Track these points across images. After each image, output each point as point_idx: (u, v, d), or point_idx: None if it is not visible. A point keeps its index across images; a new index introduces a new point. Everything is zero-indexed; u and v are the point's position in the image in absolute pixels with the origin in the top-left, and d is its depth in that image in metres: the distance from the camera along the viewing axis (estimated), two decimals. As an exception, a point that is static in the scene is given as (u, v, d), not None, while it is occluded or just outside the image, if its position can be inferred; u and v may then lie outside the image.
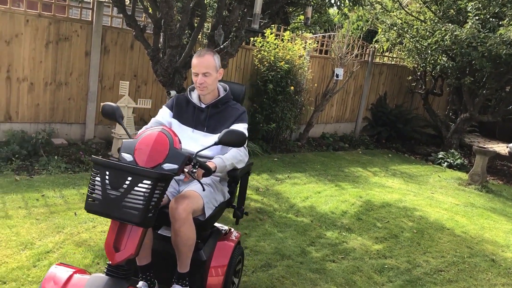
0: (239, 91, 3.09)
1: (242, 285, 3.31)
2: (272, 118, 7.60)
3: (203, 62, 2.71)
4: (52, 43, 5.84)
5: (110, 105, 2.53)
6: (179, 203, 2.43)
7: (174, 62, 5.42)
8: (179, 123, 2.86)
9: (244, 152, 2.77)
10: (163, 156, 2.17)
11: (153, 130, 2.27)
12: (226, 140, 2.38)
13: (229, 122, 2.79)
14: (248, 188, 5.55)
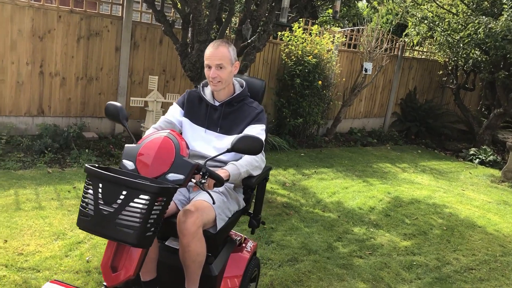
0: (258, 87, 2.77)
1: (269, 279, 3.32)
2: (299, 113, 7.56)
3: (217, 53, 2.45)
4: (83, 39, 5.96)
5: (113, 105, 2.27)
6: (188, 216, 2.15)
7: (202, 57, 5.44)
8: (191, 123, 2.59)
9: (261, 157, 2.46)
10: (168, 165, 1.93)
11: (158, 135, 2.03)
12: (239, 147, 2.08)
13: (244, 122, 2.52)
14: (275, 182, 5.57)
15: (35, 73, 5.71)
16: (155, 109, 5.95)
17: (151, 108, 6.01)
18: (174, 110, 2.63)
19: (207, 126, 2.56)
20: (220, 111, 2.56)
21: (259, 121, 2.53)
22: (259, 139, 2.10)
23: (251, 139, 2.08)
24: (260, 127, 2.51)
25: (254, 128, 2.48)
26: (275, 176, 5.83)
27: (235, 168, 2.30)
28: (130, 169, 1.95)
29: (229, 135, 2.51)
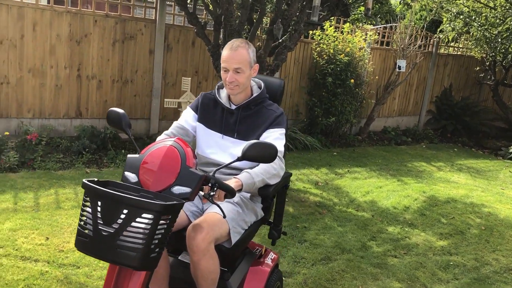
0: (276, 88, 2.59)
1: (302, 277, 3.32)
2: (331, 112, 7.52)
3: (235, 56, 2.26)
4: (119, 42, 6.11)
5: (115, 112, 2.12)
6: (198, 232, 1.99)
7: (234, 57, 5.49)
8: (205, 128, 2.42)
9: (280, 164, 2.25)
10: (173, 177, 1.78)
11: (163, 144, 1.87)
12: (251, 155, 1.90)
13: (263, 126, 2.34)
14: (307, 182, 5.56)
15: (73, 76, 5.90)
16: (188, 110, 6.05)
17: (184, 109, 6.10)
18: (187, 114, 2.47)
19: (224, 132, 2.38)
20: (236, 115, 2.38)
21: (279, 125, 2.36)
22: (272, 146, 1.92)
23: (264, 145, 1.91)
24: (279, 131, 2.34)
25: (273, 133, 2.33)
26: (308, 176, 5.82)
27: (249, 177, 2.12)
28: (133, 182, 1.80)
29: (246, 140, 2.22)
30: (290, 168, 6.01)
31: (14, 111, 5.59)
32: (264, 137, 2.32)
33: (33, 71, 5.60)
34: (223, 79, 2.33)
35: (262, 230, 3.28)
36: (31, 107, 5.69)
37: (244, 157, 1.91)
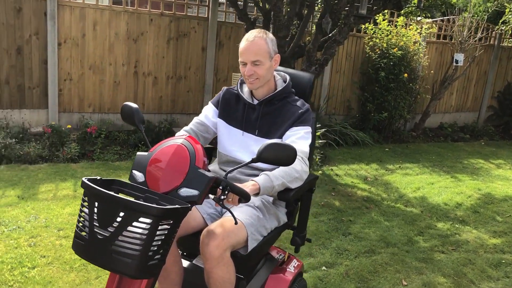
0: (305, 82, 2.41)
1: (344, 268, 3.33)
2: (383, 107, 7.39)
3: (252, 47, 2.10)
4: (173, 40, 6.34)
5: (129, 106, 2.01)
6: (212, 238, 1.86)
7: (283, 52, 5.56)
8: (226, 124, 2.27)
9: (303, 166, 2.05)
10: (181, 178, 1.65)
11: (173, 142, 1.75)
12: (267, 157, 1.73)
13: (286, 124, 2.17)
14: (356, 177, 5.52)
15: (130, 73, 6.19)
16: (238, 105, 6.18)
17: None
18: (208, 110, 2.34)
19: (245, 128, 2.23)
20: (258, 110, 2.22)
21: (304, 123, 2.17)
22: (291, 148, 1.74)
23: (281, 147, 1.74)
24: (305, 130, 2.16)
25: (297, 131, 2.14)
26: (357, 171, 5.78)
27: (267, 180, 1.93)
28: (140, 182, 1.70)
29: (268, 138, 2.16)
30: (339, 163, 5.99)
31: (76, 106, 5.95)
32: (287, 136, 2.14)
33: (93, 68, 5.94)
34: (242, 73, 2.17)
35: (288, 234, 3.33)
36: (92, 102, 6.04)
37: (259, 158, 1.74)
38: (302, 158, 2.06)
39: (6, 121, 5.36)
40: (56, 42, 5.62)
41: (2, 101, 5.52)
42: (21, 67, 5.55)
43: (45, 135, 5.26)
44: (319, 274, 3.21)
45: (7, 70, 5.47)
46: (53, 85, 5.70)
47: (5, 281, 2.78)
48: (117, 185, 1.71)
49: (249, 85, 2.19)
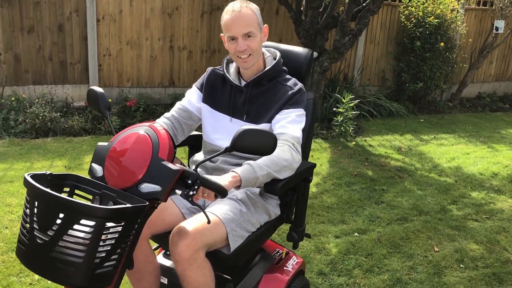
0: (302, 60, 2.15)
1: (376, 235, 3.42)
2: (419, 77, 7.28)
3: (242, 18, 1.86)
4: (207, 13, 6.42)
5: (94, 91, 1.82)
6: (182, 237, 1.64)
7: (316, 23, 5.56)
8: (211, 110, 2.04)
9: (293, 153, 1.82)
10: (141, 172, 1.45)
11: (135, 130, 1.55)
12: (243, 146, 1.53)
13: (276, 106, 1.93)
14: (390, 147, 5.54)
15: (166, 47, 6.34)
16: (271, 77, 6.24)
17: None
18: (191, 94, 2.10)
19: (232, 114, 2.00)
20: (246, 93, 1.98)
21: (296, 104, 1.93)
22: (269, 134, 1.55)
23: (258, 133, 1.53)
24: (297, 112, 1.91)
25: (288, 114, 1.91)
26: (390, 142, 5.78)
27: (250, 171, 1.71)
28: (98, 176, 1.51)
29: (257, 123, 1.95)
30: (373, 134, 6.01)
31: (115, 80, 6.16)
32: (277, 120, 1.92)
33: (130, 43, 6.10)
34: (232, 51, 1.92)
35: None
36: (130, 76, 6.24)
37: (233, 147, 1.53)
38: (293, 144, 1.84)
39: (51, 95, 5.62)
40: (95, 18, 5.81)
41: (46, 77, 5.78)
42: (63, 43, 5.77)
43: (87, 109, 5.50)
44: (351, 239, 3.32)
45: (50, 47, 5.71)
46: (93, 61, 5.91)
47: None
48: (72, 180, 1.51)
49: (242, 63, 1.93)
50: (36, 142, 4.81)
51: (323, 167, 4.69)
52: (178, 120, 2.06)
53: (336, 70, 7.17)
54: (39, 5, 5.53)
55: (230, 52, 1.94)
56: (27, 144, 4.74)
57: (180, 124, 2.06)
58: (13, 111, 5.17)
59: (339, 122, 5.66)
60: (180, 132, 2.07)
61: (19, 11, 5.46)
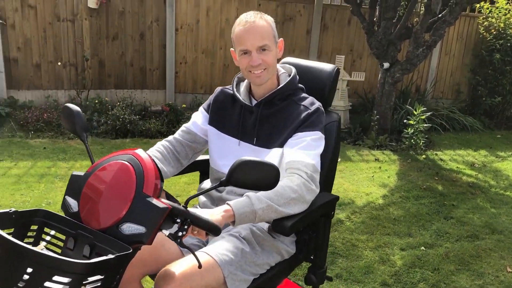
0: (325, 77, 1.92)
1: (444, 250, 3.34)
2: (497, 91, 6.97)
3: (255, 29, 1.66)
4: (279, 24, 6.56)
5: (69, 109, 1.53)
6: (167, 282, 1.39)
7: (389, 34, 5.52)
8: (219, 132, 1.83)
9: (305, 183, 1.57)
10: (123, 209, 1.23)
11: (116, 159, 1.32)
12: (238, 179, 1.30)
13: (289, 129, 1.70)
14: (462, 163, 5.35)
15: (238, 56, 6.53)
16: (340, 88, 6.25)
17: (337, 87, 6.31)
18: (197, 116, 1.91)
19: (241, 137, 1.78)
20: (256, 113, 1.76)
21: (311, 127, 1.69)
22: (270, 165, 1.31)
23: (257, 165, 1.30)
24: (312, 136, 1.67)
25: (301, 138, 1.67)
26: (463, 157, 5.58)
27: (245, 203, 1.48)
28: (73, 212, 1.29)
29: (268, 148, 1.73)
30: (445, 148, 5.83)
31: (190, 87, 6.46)
32: (290, 144, 1.68)
33: (205, 52, 6.38)
34: (243, 66, 1.70)
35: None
36: (203, 84, 6.50)
37: (229, 181, 1.31)
38: (307, 173, 1.59)
39: (131, 99, 6.00)
40: (174, 28, 6.13)
41: (127, 82, 6.18)
42: (143, 51, 6.15)
43: (163, 113, 5.81)
44: (417, 253, 3.27)
45: (131, 53, 6.10)
46: (170, 68, 6.24)
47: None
48: (41, 217, 1.27)
49: (254, 79, 1.71)
50: (116, 143, 5.15)
51: (391, 179, 4.64)
52: (181, 142, 1.86)
53: (408, 82, 7.04)
54: (124, 15, 5.94)
55: (242, 68, 1.72)
56: (107, 143, 5.10)
57: (183, 146, 1.86)
58: (96, 112, 5.57)
59: (409, 135, 5.56)
60: (183, 155, 1.87)
61: (106, 20, 5.89)
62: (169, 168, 1.80)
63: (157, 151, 1.81)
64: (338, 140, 1.89)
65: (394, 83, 5.73)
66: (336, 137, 1.87)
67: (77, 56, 5.87)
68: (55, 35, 5.72)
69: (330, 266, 2.98)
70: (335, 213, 1.89)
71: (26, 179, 3.93)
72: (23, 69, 5.71)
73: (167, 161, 1.81)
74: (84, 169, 4.29)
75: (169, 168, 1.80)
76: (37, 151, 4.66)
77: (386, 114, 5.85)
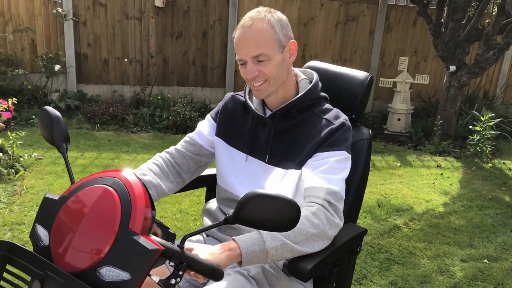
0: (357, 85, 1.65)
1: (508, 264, 3.15)
2: None
3: (250, 36, 1.39)
4: (341, 24, 6.47)
5: (47, 112, 1.29)
6: None
7: (457, 36, 5.31)
8: (226, 145, 1.58)
9: (326, 216, 1.30)
10: (103, 248, 0.98)
11: (99, 182, 1.06)
12: (248, 217, 1.04)
13: (308, 146, 1.43)
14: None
15: (298, 56, 6.46)
16: (403, 90, 6.06)
17: (399, 89, 6.14)
18: (203, 125, 1.66)
19: (250, 151, 1.53)
20: (270, 126, 1.50)
21: (335, 145, 1.41)
22: (289, 203, 1.04)
23: (272, 200, 1.04)
24: (336, 157, 1.40)
25: (324, 160, 1.40)
26: (534, 167, 5.25)
27: (255, 240, 1.22)
28: (42, 246, 1.06)
29: (282, 168, 1.46)
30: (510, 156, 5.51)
31: (248, 85, 6.51)
32: (310, 166, 1.41)
33: (266, 51, 6.40)
34: (243, 77, 1.47)
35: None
36: (262, 82, 6.53)
37: (236, 218, 1.05)
38: (329, 203, 1.32)
39: (192, 97, 6.14)
40: (236, 27, 6.19)
41: (189, 79, 6.33)
42: (205, 49, 6.27)
43: (222, 111, 5.89)
44: (479, 265, 3.11)
45: (194, 52, 6.24)
46: (230, 67, 6.32)
47: (189, 228, 3.31)
48: (4, 251, 1.03)
49: (255, 93, 1.48)
50: (176, 138, 5.29)
51: (453, 187, 4.44)
52: (183, 154, 1.60)
53: (475, 86, 6.72)
54: (188, 13, 6.09)
55: (244, 79, 1.48)
56: (168, 138, 5.25)
57: (185, 159, 1.60)
58: (158, 108, 5.75)
59: (474, 141, 5.30)
60: (185, 169, 1.60)
61: (171, 19, 6.06)
62: (168, 183, 1.53)
63: (155, 164, 1.56)
64: (368, 160, 1.60)
65: (461, 87, 5.48)
66: (366, 157, 1.59)
67: (142, 53, 6.09)
68: (123, 32, 5.97)
69: (385, 272, 2.90)
70: (393, 220, 1.76)
71: (91, 169, 4.12)
72: (92, 65, 6.01)
73: (166, 175, 1.54)
74: (143, 162, 4.44)
75: (168, 184, 1.53)
76: (102, 143, 4.88)
77: (450, 119, 5.61)
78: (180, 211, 3.49)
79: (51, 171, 3.95)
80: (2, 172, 3.67)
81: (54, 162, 4.15)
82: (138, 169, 1.51)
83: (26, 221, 3.09)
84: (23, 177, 3.79)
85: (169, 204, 3.56)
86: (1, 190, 3.51)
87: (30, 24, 5.67)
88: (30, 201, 3.40)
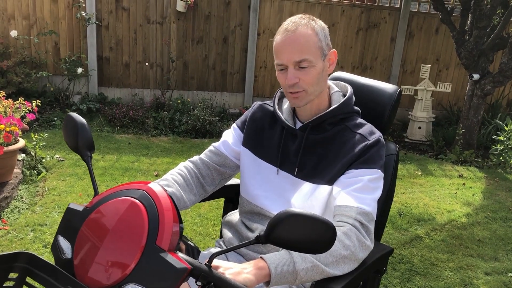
0: (386, 99, 1.60)
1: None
2: None
3: (294, 41, 1.33)
4: (362, 30, 6.43)
5: (72, 119, 1.24)
6: None
7: (481, 44, 5.23)
8: (253, 156, 1.52)
9: (358, 237, 1.26)
10: (128, 265, 0.95)
11: (126, 194, 1.04)
12: (281, 237, 0.98)
13: (341, 162, 1.38)
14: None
15: (318, 62, 6.49)
16: (424, 98, 5.99)
17: (420, 97, 6.07)
18: (228, 134, 1.60)
19: (280, 164, 1.47)
20: (301, 138, 1.45)
21: (370, 163, 1.36)
22: (325, 224, 0.98)
23: (308, 221, 0.97)
24: (370, 175, 1.34)
25: (357, 178, 1.35)
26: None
27: (285, 261, 1.18)
28: (64, 259, 1.03)
29: (312, 182, 1.40)
30: (538, 168, 5.38)
31: (267, 91, 6.51)
32: (341, 183, 1.36)
33: (286, 57, 6.39)
34: (281, 83, 1.41)
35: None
36: (282, 88, 6.52)
37: (268, 238, 0.99)
38: (362, 224, 1.28)
39: (211, 101, 6.16)
40: (256, 32, 6.21)
41: (208, 84, 6.35)
42: (225, 54, 6.29)
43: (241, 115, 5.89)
44: (504, 279, 3.03)
45: (214, 57, 6.27)
46: (250, 72, 6.33)
47: (209, 233, 3.30)
48: (23, 262, 0.97)
49: (292, 100, 1.41)
50: (195, 142, 5.30)
51: (476, 197, 4.36)
52: (208, 165, 1.56)
53: (498, 95, 6.61)
54: (209, 19, 6.12)
55: (281, 84, 1.41)
56: (187, 142, 5.26)
57: (210, 170, 1.56)
58: (178, 112, 5.78)
59: (498, 151, 5.20)
60: (209, 180, 1.56)
61: (192, 23, 6.10)
62: (191, 196, 1.48)
63: (179, 174, 1.49)
64: (394, 177, 1.56)
65: (484, 96, 5.39)
66: (393, 173, 1.55)
67: (163, 57, 6.13)
68: (144, 36, 6.02)
69: (406, 283, 2.85)
70: (414, 230, 1.70)
71: (112, 172, 4.15)
72: (114, 68, 6.07)
73: (190, 187, 1.49)
74: (164, 166, 4.47)
75: (191, 197, 1.48)
76: (122, 146, 4.91)
77: (472, 128, 5.52)
78: (199, 216, 3.48)
79: (72, 173, 3.99)
80: (25, 173, 3.72)
81: (76, 164, 4.19)
82: (162, 179, 1.45)
83: (48, 222, 3.12)
84: (45, 179, 3.84)
85: (188, 209, 3.56)
86: (24, 191, 3.55)
87: (54, 28, 5.76)
88: (52, 202, 3.43)
